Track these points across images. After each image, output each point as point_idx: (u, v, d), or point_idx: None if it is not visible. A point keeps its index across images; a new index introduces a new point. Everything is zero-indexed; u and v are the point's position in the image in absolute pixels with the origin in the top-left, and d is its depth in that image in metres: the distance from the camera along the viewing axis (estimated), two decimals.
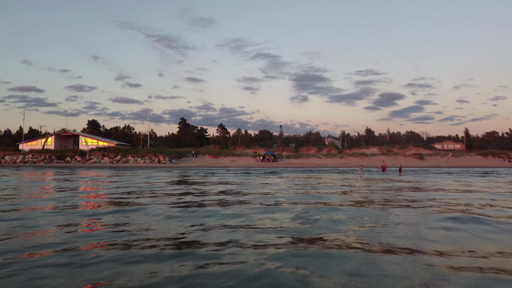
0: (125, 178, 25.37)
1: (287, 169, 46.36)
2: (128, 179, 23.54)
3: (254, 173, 33.76)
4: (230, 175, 29.91)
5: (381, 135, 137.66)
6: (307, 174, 33.47)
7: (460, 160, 65.08)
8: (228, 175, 30.69)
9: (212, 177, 27.68)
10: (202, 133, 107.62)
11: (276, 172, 37.65)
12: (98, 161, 58.97)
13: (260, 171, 38.61)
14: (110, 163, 58.17)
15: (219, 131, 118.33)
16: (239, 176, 29.20)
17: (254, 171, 38.31)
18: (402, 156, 69.43)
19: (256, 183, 21.22)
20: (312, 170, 44.70)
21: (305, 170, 44.65)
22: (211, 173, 33.63)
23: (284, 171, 40.43)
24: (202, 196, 13.26)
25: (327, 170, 44.97)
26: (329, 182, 21.75)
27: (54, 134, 71.80)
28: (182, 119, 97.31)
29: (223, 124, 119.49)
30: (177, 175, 30.52)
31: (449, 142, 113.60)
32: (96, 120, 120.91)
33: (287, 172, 36.99)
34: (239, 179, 24.90)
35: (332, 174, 32.83)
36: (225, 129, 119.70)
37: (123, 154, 61.10)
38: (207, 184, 19.92)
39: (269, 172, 37.64)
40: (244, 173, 33.51)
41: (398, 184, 20.13)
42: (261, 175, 30.90)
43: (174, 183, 20.71)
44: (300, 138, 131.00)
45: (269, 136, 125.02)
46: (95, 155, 60.88)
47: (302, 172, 38.03)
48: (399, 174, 32.28)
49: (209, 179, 25.02)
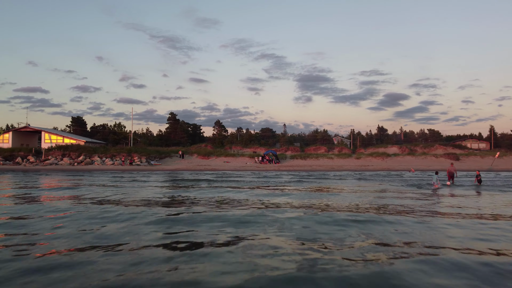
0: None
1: (292, 174, 34.01)
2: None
3: (243, 183, 21.58)
4: (194, 191, 17.71)
5: (395, 133, 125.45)
6: (327, 184, 21.18)
7: (507, 161, 52.43)
8: (193, 189, 18.50)
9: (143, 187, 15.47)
10: (196, 131, 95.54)
11: (275, 182, 25.28)
12: (56, 162, 46.98)
13: (253, 179, 26.30)
14: (69, 165, 46.25)
15: (216, 128, 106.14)
16: (208, 190, 17.00)
17: (242, 180, 26.00)
18: (432, 157, 56.91)
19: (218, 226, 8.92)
20: (327, 175, 32.38)
21: (318, 176, 32.23)
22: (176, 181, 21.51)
23: (289, 179, 27.98)
24: None
25: (348, 175, 32.62)
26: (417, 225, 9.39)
27: (12, 129, 59.86)
28: (171, 114, 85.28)
29: (220, 121, 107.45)
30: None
31: (473, 141, 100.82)
32: (81, 117, 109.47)
33: (293, 182, 24.63)
34: (201, 202, 12.63)
35: (371, 185, 20.50)
36: (222, 126, 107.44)
37: (88, 154, 49.06)
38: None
39: (263, 178, 25.38)
40: (222, 182, 21.30)
41: None
42: (251, 187, 18.71)
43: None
44: (306, 137, 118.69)
45: (271, 135, 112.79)
46: (54, 154, 48.88)
47: (315, 179, 25.64)
48: (477, 184, 19.99)
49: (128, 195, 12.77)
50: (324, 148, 73.18)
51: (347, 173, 35.63)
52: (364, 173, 37.37)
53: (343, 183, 22.20)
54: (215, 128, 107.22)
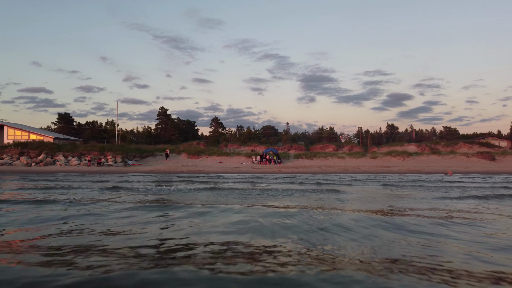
0: None
1: (300, 179, 25.45)
2: None
3: (220, 199, 13.08)
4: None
5: (407, 131, 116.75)
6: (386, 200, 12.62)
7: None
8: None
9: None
10: (190, 128, 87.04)
11: (275, 195, 16.60)
12: (10, 162, 38.65)
13: (238, 187, 17.79)
14: (25, 165, 37.92)
15: (213, 125, 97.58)
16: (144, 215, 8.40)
17: (220, 192, 17.40)
18: (462, 156, 48.18)
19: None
20: (345, 179, 23.80)
21: (337, 180, 23.66)
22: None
23: (300, 188, 19.29)
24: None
25: (374, 179, 23.98)
26: None
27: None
28: (161, 108, 76.69)
29: (218, 118, 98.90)
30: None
31: (493, 139, 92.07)
32: (68, 113, 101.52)
33: (308, 192, 16.08)
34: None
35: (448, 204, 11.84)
36: (220, 123, 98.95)
37: (51, 152, 40.67)
38: None
39: (256, 189, 16.85)
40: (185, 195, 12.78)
41: None
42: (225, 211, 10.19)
43: None
44: (310, 136, 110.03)
45: (273, 132, 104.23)
46: (10, 153, 40.52)
47: (344, 189, 17.01)
48: None
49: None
50: (332, 146, 64.48)
51: (367, 177, 26.99)
52: (390, 176, 28.75)
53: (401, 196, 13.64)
54: (212, 126, 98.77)
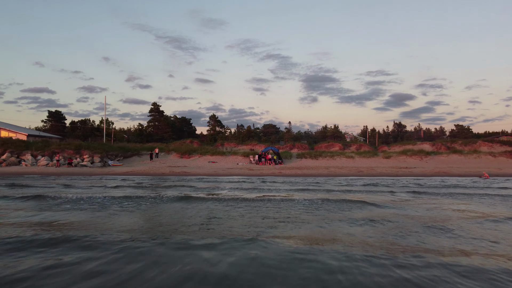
0: None
1: (307, 186, 19.97)
2: None
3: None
4: None
5: (416, 129, 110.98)
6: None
7: None
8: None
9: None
10: (185, 126, 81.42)
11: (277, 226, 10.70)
12: None
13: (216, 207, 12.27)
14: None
15: (210, 123, 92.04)
16: None
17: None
18: (488, 155, 42.51)
19: None
20: (362, 184, 18.29)
21: (362, 187, 18.17)
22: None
23: (309, 207, 13.48)
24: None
25: (404, 186, 18.42)
26: None
27: None
28: (154, 105, 71.03)
29: (216, 115, 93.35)
30: None
31: (507, 138, 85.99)
32: (60, 111, 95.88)
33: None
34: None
35: None
36: (218, 121, 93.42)
37: (17, 151, 35.26)
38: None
39: (244, 206, 11.26)
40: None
41: None
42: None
43: None
44: (313, 135, 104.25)
45: (275, 131, 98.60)
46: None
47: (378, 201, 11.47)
48: None
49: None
50: (339, 145, 58.78)
51: (388, 180, 21.44)
52: (414, 179, 23.21)
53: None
54: (209, 123, 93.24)
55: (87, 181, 21.37)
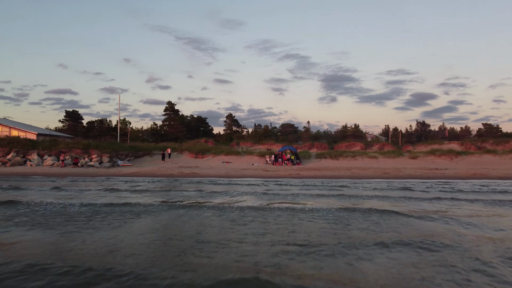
0: None
1: (338, 195, 17.47)
2: None
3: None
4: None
5: (441, 129, 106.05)
6: None
7: None
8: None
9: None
10: (200, 125, 79.70)
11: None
12: None
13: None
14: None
15: (227, 122, 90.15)
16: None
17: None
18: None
19: None
20: (417, 192, 15.67)
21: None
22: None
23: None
24: None
25: (445, 189, 15.70)
26: None
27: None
28: (169, 103, 69.53)
29: (233, 115, 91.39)
30: None
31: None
32: (77, 111, 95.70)
33: None
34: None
35: None
36: (235, 121, 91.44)
37: (23, 150, 34.07)
38: None
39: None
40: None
41: None
42: None
43: None
44: (333, 135, 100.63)
45: (293, 130, 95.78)
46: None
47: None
48: None
49: None
50: (360, 144, 55.76)
51: (423, 184, 18.69)
52: (452, 183, 20.37)
53: None
54: (226, 123, 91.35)
55: (85, 183, 19.55)
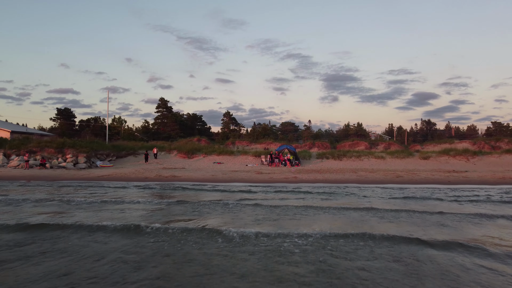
0: None
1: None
2: None
3: None
4: None
5: (447, 127, 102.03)
6: None
7: None
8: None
9: None
10: (196, 123, 75.82)
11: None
12: None
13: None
14: None
15: (224, 121, 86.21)
16: None
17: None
18: None
19: None
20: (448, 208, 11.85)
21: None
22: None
23: None
24: None
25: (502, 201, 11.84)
26: None
27: None
28: (161, 100, 65.69)
29: (230, 112, 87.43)
30: None
31: None
32: (69, 109, 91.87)
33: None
34: None
35: None
36: (233, 119, 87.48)
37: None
38: None
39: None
40: None
41: None
42: None
43: None
44: (335, 134, 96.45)
45: (293, 129, 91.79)
46: None
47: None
48: None
49: None
50: (364, 143, 51.77)
51: (451, 191, 14.87)
52: (482, 189, 16.55)
53: None
54: (223, 121, 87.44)
55: (29, 188, 15.71)
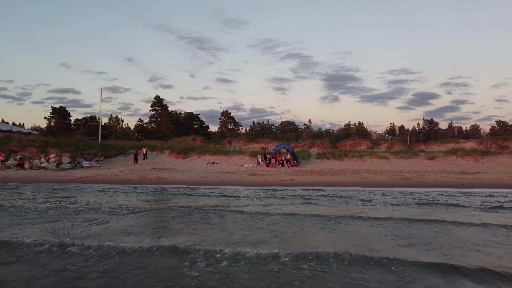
0: None
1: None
2: None
3: None
4: None
5: (451, 127, 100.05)
6: None
7: None
8: None
9: None
10: (192, 123, 73.72)
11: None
12: None
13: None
14: None
15: (222, 120, 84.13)
16: None
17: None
18: None
19: None
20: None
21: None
22: None
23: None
24: None
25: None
26: None
27: None
28: (156, 98, 63.66)
29: (228, 111, 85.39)
30: None
31: None
32: (64, 107, 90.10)
33: None
34: None
35: None
36: (231, 118, 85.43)
37: None
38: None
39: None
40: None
41: None
42: None
43: None
44: (335, 133, 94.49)
45: (293, 128, 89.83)
46: None
47: None
48: None
49: None
50: (366, 143, 49.74)
51: (470, 196, 12.89)
52: (502, 193, 14.57)
53: None
54: (221, 120, 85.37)
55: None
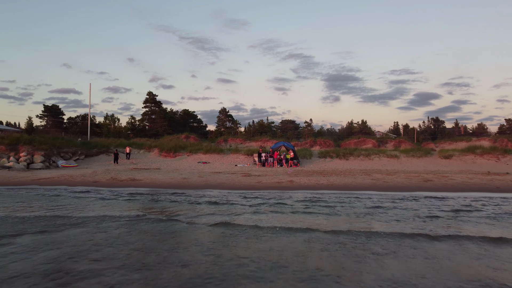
0: None
1: None
2: None
3: None
4: None
5: (457, 125, 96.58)
6: None
7: None
8: None
9: None
10: (188, 121, 70.28)
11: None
12: None
13: None
14: None
15: (219, 118, 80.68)
16: None
17: None
18: None
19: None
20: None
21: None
22: None
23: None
24: None
25: None
26: None
27: None
28: (149, 94, 60.29)
29: (226, 109, 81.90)
30: None
31: None
32: (57, 106, 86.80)
33: None
34: None
35: None
36: (229, 116, 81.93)
37: None
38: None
39: None
40: None
41: None
42: None
43: None
44: (337, 132, 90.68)
45: (293, 127, 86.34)
46: None
47: None
48: None
49: None
50: (372, 141, 46.37)
51: None
52: None
53: None
54: (218, 118, 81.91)
55: None
